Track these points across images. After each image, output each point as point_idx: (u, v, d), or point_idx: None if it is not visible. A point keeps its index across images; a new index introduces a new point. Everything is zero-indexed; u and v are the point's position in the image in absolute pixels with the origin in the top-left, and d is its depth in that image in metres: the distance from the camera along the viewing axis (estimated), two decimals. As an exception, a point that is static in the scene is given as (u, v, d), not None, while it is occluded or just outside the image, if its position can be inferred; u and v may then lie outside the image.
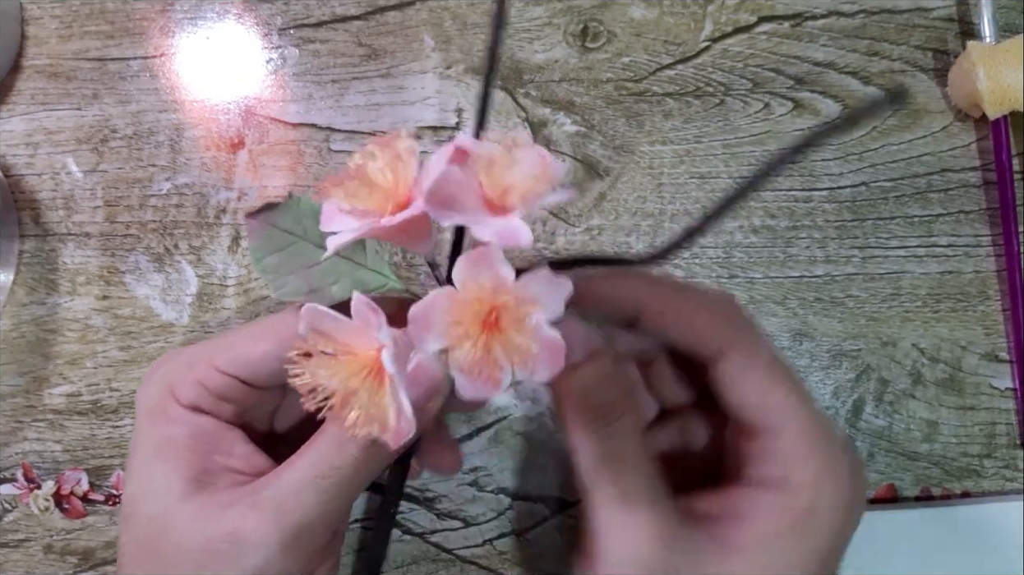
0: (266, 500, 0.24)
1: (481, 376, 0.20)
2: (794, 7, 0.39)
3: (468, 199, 0.20)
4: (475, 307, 0.20)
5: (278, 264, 0.25)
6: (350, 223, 0.21)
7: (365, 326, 0.21)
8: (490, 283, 0.20)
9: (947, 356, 0.37)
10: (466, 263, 0.20)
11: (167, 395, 0.25)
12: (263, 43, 0.39)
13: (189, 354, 0.26)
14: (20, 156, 0.38)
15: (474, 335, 0.20)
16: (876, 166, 0.38)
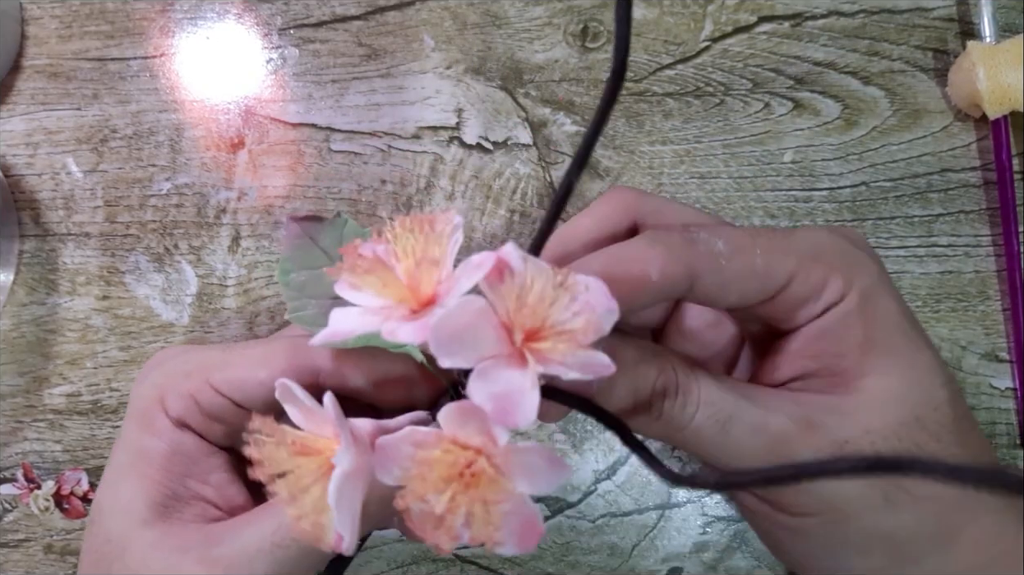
0: (217, 558, 0.23)
1: (422, 528, 0.18)
2: (794, 7, 0.39)
3: (481, 332, 0.17)
4: (451, 459, 0.17)
5: (304, 284, 0.23)
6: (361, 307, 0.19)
7: (332, 428, 0.19)
8: (478, 442, 0.17)
9: (947, 356, 0.37)
10: (457, 413, 0.17)
11: (156, 402, 0.25)
12: (263, 43, 0.39)
13: (187, 361, 0.25)
14: (20, 156, 0.38)
15: (436, 489, 0.17)
16: (876, 166, 0.38)
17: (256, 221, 0.38)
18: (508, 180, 0.38)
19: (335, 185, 0.38)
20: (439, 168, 0.38)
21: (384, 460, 0.18)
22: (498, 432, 0.17)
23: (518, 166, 0.38)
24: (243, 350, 0.25)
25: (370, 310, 0.19)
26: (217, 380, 0.24)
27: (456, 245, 0.19)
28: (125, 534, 0.24)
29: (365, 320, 0.19)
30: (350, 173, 0.38)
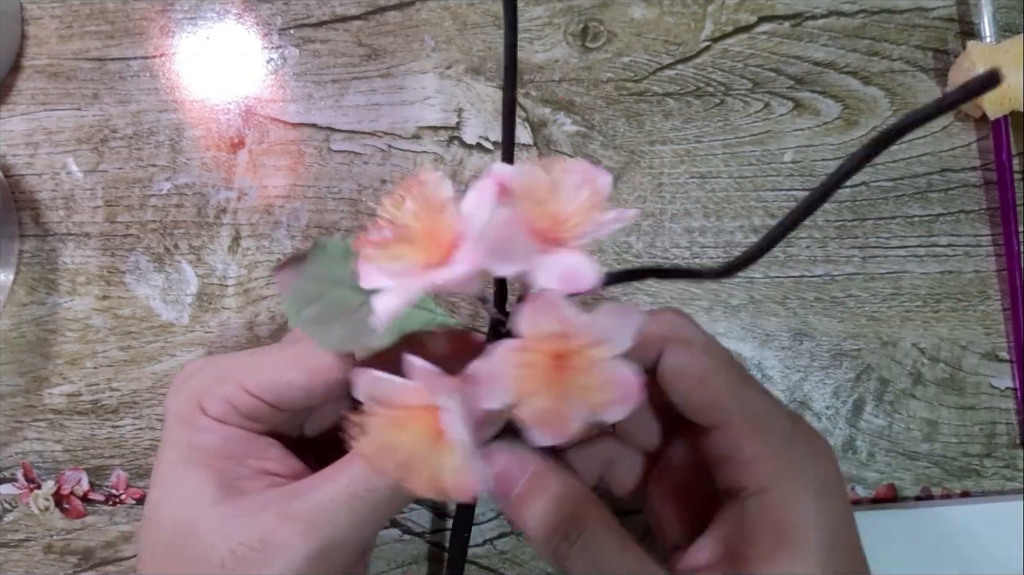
0: (298, 512, 0.23)
1: (551, 426, 0.19)
2: (794, 7, 0.39)
3: (519, 239, 0.19)
4: (541, 358, 0.19)
5: (317, 316, 0.24)
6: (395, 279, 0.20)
7: (426, 389, 0.20)
8: (556, 329, 0.19)
9: (947, 356, 0.37)
10: (529, 312, 0.19)
11: (195, 407, 0.25)
12: (263, 43, 0.39)
13: (219, 368, 0.26)
14: (20, 156, 0.38)
15: (542, 387, 0.19)
16: (876, 166, 0.38)
17: (256, 221, 0.38)
18: (508, 180, 0.38)
19: (335, 185, 0.38)
20: (439, 168, 0.38)
21: (485, 389, 0.19)
22: (571, 312, 0.19)
23: (518, 166, 0.38)
24: (270, 354, 0.26)
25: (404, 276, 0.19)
26: (249, 383, 0.25)
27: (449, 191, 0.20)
28: (195, 516, 0.24)
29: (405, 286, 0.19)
30: (350, 173, 0.38)
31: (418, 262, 0.19)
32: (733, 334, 0.37)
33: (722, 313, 0.37)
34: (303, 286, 0.24)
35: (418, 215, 0.19)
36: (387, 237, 0.20)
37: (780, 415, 0.25)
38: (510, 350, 0.19)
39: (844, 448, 0.36)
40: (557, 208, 0.19)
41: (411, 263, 0.19)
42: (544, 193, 0.19)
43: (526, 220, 0.19)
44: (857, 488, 0.36)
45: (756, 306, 0.37)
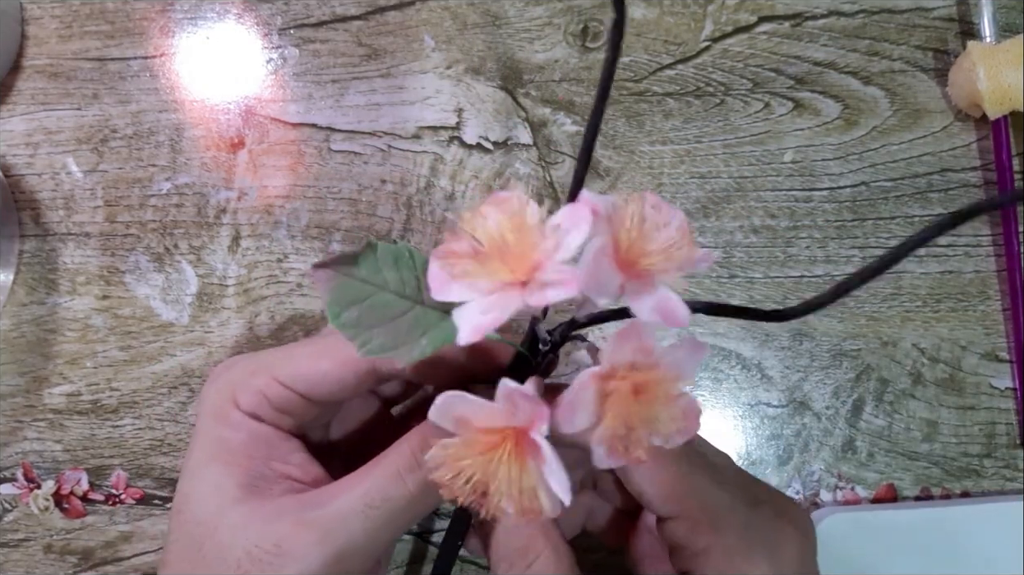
0: (314, 520, 0.24)
1: (619, 451, 0.20)
2: (794, 7, 0.39)
3: (611, 269, 0.19)
4: (624, 385, 0.19)
5: (358, 318, 0.23)
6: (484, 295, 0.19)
7: (516, 414, 0.20)
8: (636, 357, 0.20)
9: (947, 356, 0.37)
10: (618, 339, 0.19)
11: (229, 400, 0.26)
12: (263, 43, 0.39)
13: (253, 362, 0.27)
14: (20, 156, 0.38)
15: (620, 412, 0.19)
16: (876, 166, 0.38)
17: (256, 221, 0.38)
18: (508, 180, 0.38)
19: (335, 185, 0.38)
20: (439, 168, 0.38)
21: (570, 414, 0.20)
22: (652, 345, 0.20)
23: (518, 166, 0.38)
24: (303, 347, 0.27)
25: (497, 293, 0.19)
26: (283, 375, 0.26)
27: (535, 213, 0.20)
28: (216, 514, 0.24)
29: (501, 303, 0.19)
30: (350, 173, 0.38)
31: (504, 280, 0.19)
32: (733, 334, 0.37)
33: (722, 313, 0.37)
34: (347, 286, 0.23)
35: (509, 231, 0.19)
36: (472, 250, 0.19)
37: (738, 504, 0.25)
38: (594, 377, 0.20)
39: (844, 448, 0.36)
40: (645, 242, 0.19)
41: (500, 280, 0.19)
42: (633, 225, 0.19)
43: (615, 250, 0.19)
44: (857, 488, 0.36)
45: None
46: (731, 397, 0.37)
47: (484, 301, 0.19)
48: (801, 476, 0.36)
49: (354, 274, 0.24)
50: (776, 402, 0.37)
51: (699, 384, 0.37)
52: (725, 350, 0.37)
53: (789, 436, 0.36)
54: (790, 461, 0.36)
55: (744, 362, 0.37)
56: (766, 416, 0.37)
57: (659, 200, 0.20)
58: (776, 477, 0.36)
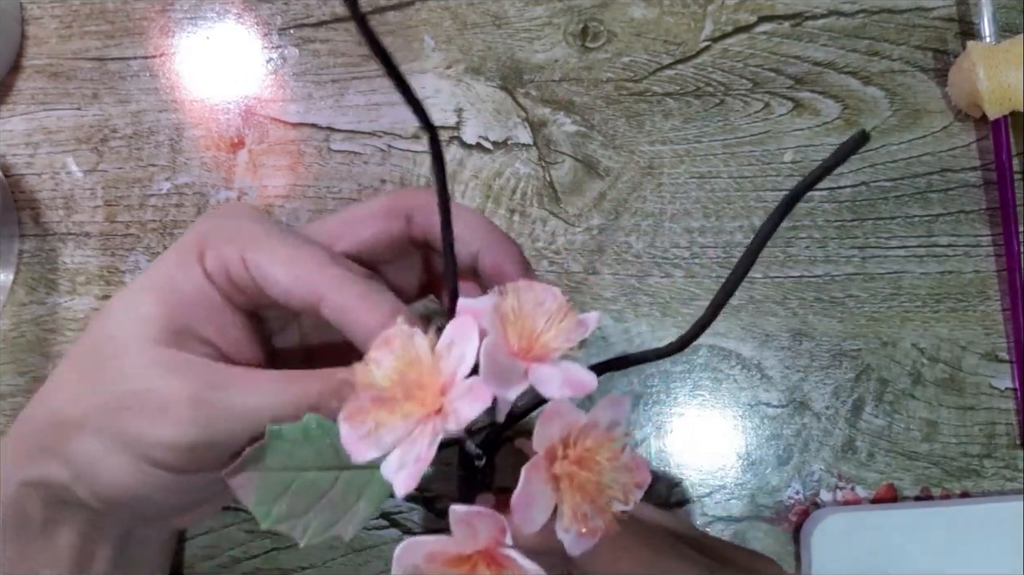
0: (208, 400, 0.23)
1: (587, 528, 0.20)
2: (794, 7, 0.39)
3: (509, 362, 0.19)
4: (563, 466, 0.19)
5: (288, 510, 0.22)
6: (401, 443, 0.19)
7: (477, 535, 0.20)
8: (565, 433, 0.20)
9: (947, 356, 0.37)
10: (542, 422, 0.19)
11: (196, 251, 0.25)
12: (263, 43, 0.39)
13: (237, 227, 0.26)
14: (20, 156, 0.38)
15: (573, 490, 0.19)
16: (876, 166, 0.38)
17: (256, 221, 0.38)
18: (508, 180, 0.38)
19: (335, 185, 0.38)
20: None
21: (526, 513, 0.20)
22: (577, 417, 0.20)
23: (518, 166, 0.38)
24: (282, 239, 0.25)
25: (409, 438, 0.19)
26: (249, 259, 0.25)
27: (423, 342, 0.20)
28: (130, 340, 0.24)
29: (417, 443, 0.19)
30: (350, 173, 0.38)
31: (418, 416, 0.19)
32: (733, 334, 0.37)
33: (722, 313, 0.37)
34: (267, 481, 0.23)
35: (405, 368, 0.19)
36: (377, 400, 0.19)
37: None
38: (534, 468, 0.19)
39: (844, 448, 0.36)
40: (528, 327, 0.20)
41: (414, 418, 0.19)
42: (512, 316, 0.20)
43: (508, 342, 0.20)
44: (857, 488, 0.36)
45: (756, 306, 0.37)
46: (731, 397, 0.37)
47: (406, 446, 0.19)
48: (801, 476, 0.36)
49: (268, 467, 0.23)
50: (776, 402, 0.37)
51: (699, 384, 0.37)
52: (725, 350, 0.37)
53: (789, 436, 0.36)
54: (790, 461, 0.36)
55: (744, 362, 0.37)
56: (766, 416, 0.37)
57: (529, 283, 0.21)
58: (776, 477, 0.36)
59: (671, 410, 0.37)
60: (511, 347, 0.20)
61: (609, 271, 0.37)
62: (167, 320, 0.24)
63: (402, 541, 0.19)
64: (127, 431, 0.24)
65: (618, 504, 0.20)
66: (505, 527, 0.20)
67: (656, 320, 0.37)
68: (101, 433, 0.24)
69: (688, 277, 0.37)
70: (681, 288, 0.37)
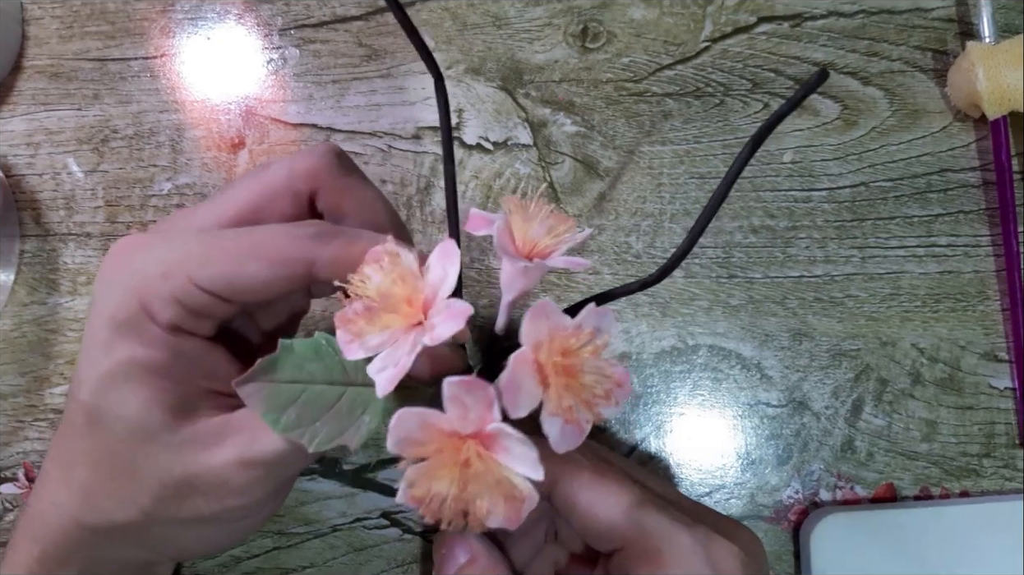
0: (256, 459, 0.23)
1: (569, 424, 0.21)
2: (794, 7, 0.39)
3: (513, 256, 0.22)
4: (549, 359, 0.21)
5: (298, 418, 0.23)
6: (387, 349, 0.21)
7: (467, 411, 0.20)
8: (551, 331, 0.21)
9: (946, 356, 0.37)
10: (529, 320, 0.21)
11: (139, 309, 0.23)
12: (263, 43, 0.39)
13: (162, 260, 0.23)
14: (21, 156, 0.38)
15: (558, 382, 0.20)
16: (876, 166, 0.38)
17: (256, 221, 0.38)
18: (508, 180, 0.38)
19: (335, 185, 0.38)
20: (439, 168, 0.38)
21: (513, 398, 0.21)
22: (561, 318, 0.21)
23: (518, 166, 0.38)
24: (222, 242, 0.23)
25: (395, 344, 0.21)
26: (201, 278, 0.23)
27: (411, 260, 0.21)
28: (145, 439, 0.23)
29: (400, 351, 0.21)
30: (350, 173, 0.38)
31: (400, 327, 0.21)
32: (733, 334, 0.37)
33: (721, 313, 0.37)
34: (276, 392, 0.23)
35: (393, 283, 0.21)
36: (364, 310, 0.21)
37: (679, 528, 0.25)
38: (519, 360, 0.21)
39: (843, 448, 0.36)
40: (532, 232, 0.22)
41: (396, 331, 0.21)
42: (522, 219, 0.22)
43: (512, 244, 0.22)
44: (856, 488, 0.36)
45: (755, 306, 0.37)
46: (731, 397, 0.37)
47: (388, 352, 0.21)
48: (800, 476, 0.36)
49: (278, 378, 0.23)
50: (776, 402, 0.37)
51: (699, 384, 0.37)
52: (725, 350, 0.37)
53: (789, 436, 0.37)
54: (789, 461, 0.36)
55: (744, 362, 0.37)
56: (766, 416, 0.37)
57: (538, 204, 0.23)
58: (775, 477, 0.36)
59: (671, 410, 0.37)
60: (517, 248, 0.22)
61: (609, 271, 0.37)
62: (165, 401, 0.23)
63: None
64: (201, 512, 0.24)
65: (604, 407, 0.21)
66: (493, 400, 0.20)
67: (656, 320, 0.37)
68: (172, 521, 0.24)
69: (688, 277, 0.37)
70: (681, 288, 0.37)
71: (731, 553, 0.25)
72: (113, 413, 0.23)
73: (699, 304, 0.37)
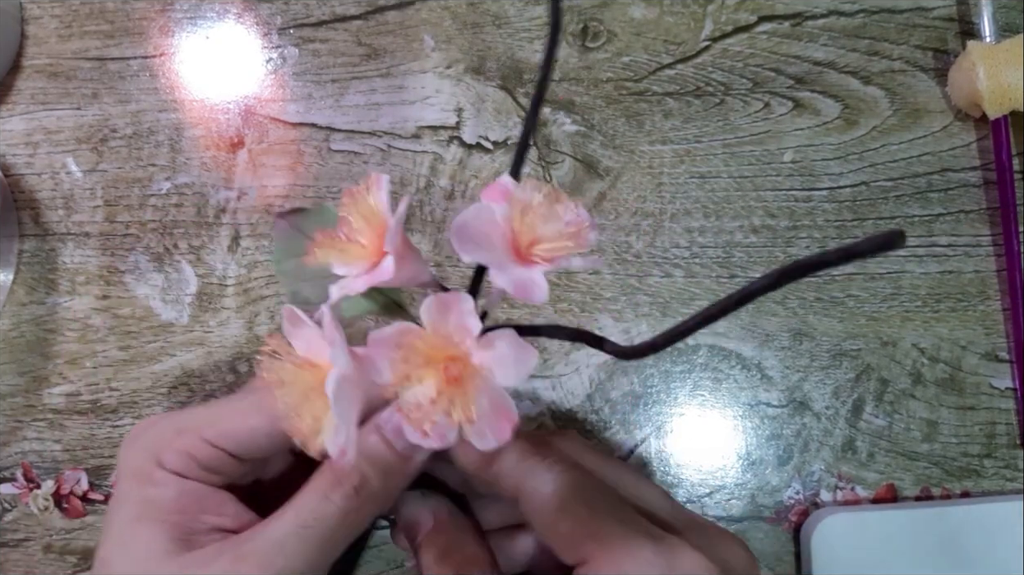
0: (251, 553, 0.23)
1: (422, 423, 0.20)
2: (794, 7, 0.39)
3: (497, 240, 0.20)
4: (434, 351, 0.20)
5: (296, 269, 0.25)
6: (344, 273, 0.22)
7: (326, 332, 0.20)
8: (455, 332, 0.20)
9: (947, 356, 0.37)
10: (436, 305, 0.20)
11: (151, 461, 0.25)
12: (263, 43, 0.39)
13: (176, 421, 0.26)
14: (20, 156, 0.38)
15: (425, 378, 0.20)
16: (876, 166, 0.38)
17: (256, 221, 0.38)
18: (508, 180, 0.38)
19: (335, 184, 0.38)
20: (439, 168, 0.38)
21: (375, 357, 0.20)
22: (471, 323, 0.20)
23: (518, 166, 0.38)
24: (229, 404, 0.26)
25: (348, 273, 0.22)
26: (210, 435, 0.25)
27: (386, 197, 0.21)
28: (148, 570, 0.24)
29: (346, 284, 0.21)
30: (350, 172, 0.38)
31: (362, 260, 0.21)
32: (733, 334, 0.37)
33: (722, 313, 0.37)
34: (294, 239, 0.25)
35: (359, 221, 0.21)
36: (338, 236, 0.21)
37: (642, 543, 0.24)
38: (407, 329, 0.20)
39: (844, 448, 0.36)
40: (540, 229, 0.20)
41: (355, 261, 0.21)
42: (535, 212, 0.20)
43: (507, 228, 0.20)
44: (857, 488, 0.36)
45: (756, 306, 0.37)
46: (731, 397, 0.37)
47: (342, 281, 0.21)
48: (801, 476, 0.36)
49: (302, 228, 0.25)
50: (776, 402, 0.37)
51: (699, 384, 0.37)
52: (725, 350, 0.37)
53: (789, 436, 0.36)
54: (790, 461, 0.36)
55: (744, 362, 0.37)
56: (766, 416, 0.37)
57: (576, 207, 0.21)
58: (776, 477, 0.36)
59: (671, 410, 0.37)
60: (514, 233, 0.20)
61: (609, 271, 0.37)
62: (169, 534, 0.24)
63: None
64: None
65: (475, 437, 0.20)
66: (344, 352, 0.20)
67: (656, 320, 0.37)
68: None
69: (688, 277, 0.37)
70: (681, 288, 0.37)
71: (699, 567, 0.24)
72: (121, 554, 0.25)
73: (699, 304, 0.37)
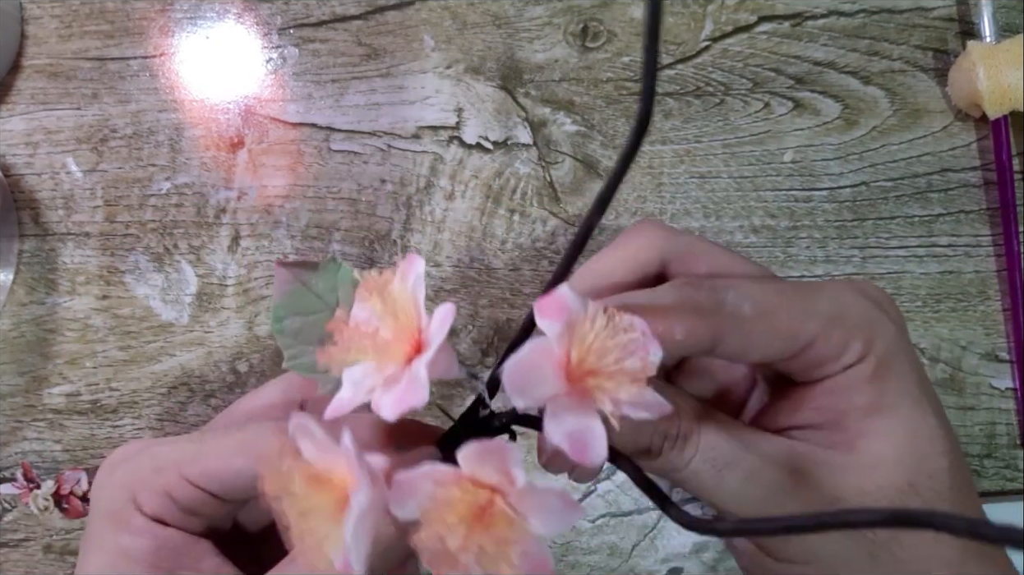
0: None
1: (442, 565, 0.18)
2: (794, 7, 0.39)
3: (547, 372, 0.18)
4: (464, 497, 0.18)
5: (298, 330, 0.22)
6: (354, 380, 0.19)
7: (349, 462, 0.18)
8: (496, 481, 0.18)
9: (947, 356, 0.37)
10: (478, 452, 0.18)
11: (129, 501, 0.24)
12: (263, 43, 0.39)
13: (155, 457, 0.24)
14: (20, 156, 0.38)
15: (452, 524, 0.17)
16: (876, 166, 0.38)
17: (256, 221, 0.38)
18: (508, 180, 0.38)
19: (335, 185, 0.38)
20: (439, 168, 0.38)
21: (401, 495, 0.18)
22: (516, 472, 0.17)
23: (518, 166, 0.38)
24: (214, 440, 0.24)
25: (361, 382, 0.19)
26: (191, 473, 0.23)
27: (421, 290, 0.19)
28: None
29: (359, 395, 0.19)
30: (350, 173, 0.38)
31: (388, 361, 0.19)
32: (733, 334, 0.37)
33: (722, 313, 0.37)
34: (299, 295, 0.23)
35: (387, 317, 0.19)
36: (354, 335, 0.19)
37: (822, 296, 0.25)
38: (439, 474, 0.18)
39: (844, 448, 0.36)
40: (599, 363, 0.18)
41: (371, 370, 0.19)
42: (594, 338, 0.18)
43: (564, 352, 0.18)
44: (857, 488, 0.36)
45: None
46: (731, 397, 0.37)
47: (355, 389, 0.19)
48: (801, 476, 0.36)
49: (310, 285, 0.23)
50: (776, 402, 0.37)
51: (699, 384, 0.37)
52: (725, 350, 0.37)
53: (789, 436, 0.36)
54: (790, 461, 0.36)
55: (744, 362, 0.37)
56: (766, 416, 0.37)
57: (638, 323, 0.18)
58: (776, 477, 0.36)
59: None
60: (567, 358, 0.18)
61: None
62: None
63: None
64: None
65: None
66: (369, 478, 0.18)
67: (656, 320, 0.37)
68: None
69: (688, 277, 0.37)
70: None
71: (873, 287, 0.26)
72: None
73: (699, 304, 0.37)
